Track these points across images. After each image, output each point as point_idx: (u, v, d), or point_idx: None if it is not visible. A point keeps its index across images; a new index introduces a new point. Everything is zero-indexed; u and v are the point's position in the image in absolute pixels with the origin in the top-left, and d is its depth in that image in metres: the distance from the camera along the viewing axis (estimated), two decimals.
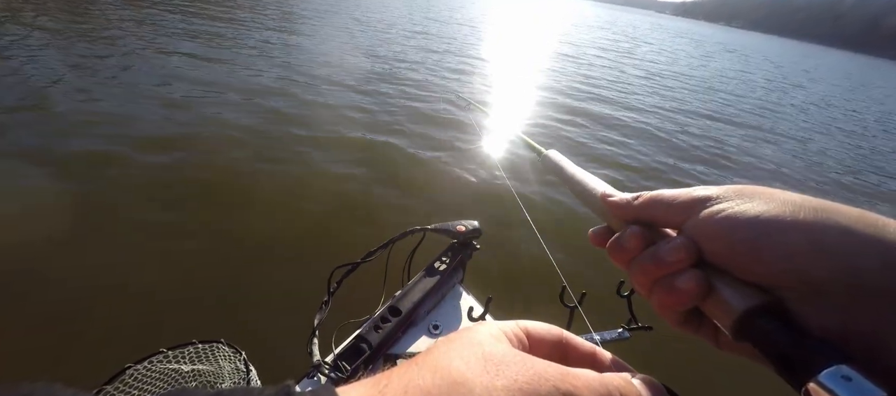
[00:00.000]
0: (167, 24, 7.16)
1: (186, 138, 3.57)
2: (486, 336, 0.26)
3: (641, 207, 0.35)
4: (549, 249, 0.82)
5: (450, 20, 16.19)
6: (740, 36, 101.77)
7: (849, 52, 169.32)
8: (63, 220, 2.38)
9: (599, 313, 0.92)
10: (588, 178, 0.44)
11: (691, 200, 0.32)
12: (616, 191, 0.40)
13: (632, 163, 4.88)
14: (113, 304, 1.95)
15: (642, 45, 21.10)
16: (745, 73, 17.37)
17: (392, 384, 0.23)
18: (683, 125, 6.95)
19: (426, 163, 3.94)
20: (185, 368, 1.15)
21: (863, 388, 0.21)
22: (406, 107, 5.30)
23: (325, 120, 4.55)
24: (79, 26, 6.13)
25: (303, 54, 7.10)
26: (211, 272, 2.24)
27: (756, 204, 0.28)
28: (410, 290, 1.27)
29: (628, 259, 0.35)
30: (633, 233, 0.35)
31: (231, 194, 2.97)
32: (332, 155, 3.78)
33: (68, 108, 3.72)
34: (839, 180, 5.87)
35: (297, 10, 11.36)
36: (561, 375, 0.23)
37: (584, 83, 8.90)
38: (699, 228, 0.30)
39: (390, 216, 3.01)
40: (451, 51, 7.53)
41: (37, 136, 3.23)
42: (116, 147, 3.24)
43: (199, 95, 4.55)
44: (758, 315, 0.26)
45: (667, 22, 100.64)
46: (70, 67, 4.60)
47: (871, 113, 13.17)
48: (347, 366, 1.05)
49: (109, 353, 1.46)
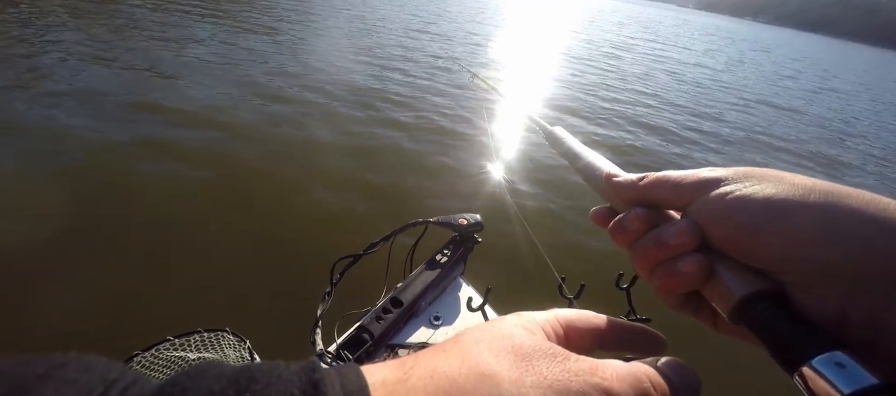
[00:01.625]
0: (175, 22, 7.33)
1: (191, 132, 3.65)
2: (519, 327, 0.26)
3: (646, 188, 0.34)
4: (549, 241, 0.80)
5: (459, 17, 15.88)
6: (773, 33, 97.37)
7: (887, 50, 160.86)
8: (61, 215, 2.43)
9: (598, 305, 0.90)
10: (593, 156, 0.43)
11: (698, 182, 0.31)
12: (621, 170, 0.39)
13: None
14: (119, 295, 2.01)
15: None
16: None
17: (418, 366, 0.22)
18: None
19: (428, 154, 3.97)
20: (191, 355, 1.18)
21: (856, 375, 0.21)
22: (413, 95, 5.37)
23: (327, 108, 4.62)
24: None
25: (304, 46, 7.18)
26: (216, 263, 2.30)
27: (765, 186, 0.28)
28: (412, 282, 1.29)
29: (630, 240, 0.34)
30: (636, 215, 0.34)
31: (235, 185, 3.03)
32: (335, 146, 3.83)
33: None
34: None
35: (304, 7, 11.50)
36: (591, 369, 0.22)
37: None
38: (704, 211, 0.30)
39: (393, 208, 3.04)
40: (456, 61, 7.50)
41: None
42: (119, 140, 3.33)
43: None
44: (756, 300, 0.26)
45: (694, 18, 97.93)
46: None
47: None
48: (349, 356, 1.07)
49: (117, 341, 1.51)
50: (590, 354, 0.24)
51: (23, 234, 2.23)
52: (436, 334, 1.24)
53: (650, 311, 0.72)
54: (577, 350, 0.24)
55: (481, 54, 9.45)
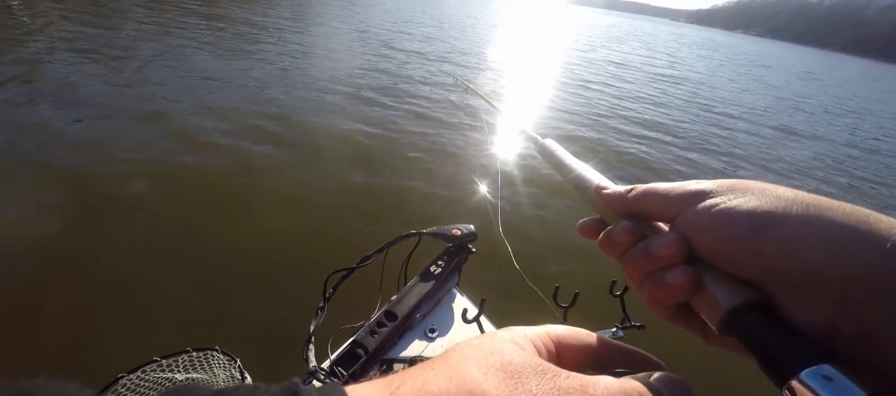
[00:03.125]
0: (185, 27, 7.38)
1: (182, 144, 3.66)
2: (509, 343, 0.25)
3: (635, 200, 0.35)
4: (549, 245, 0.79)
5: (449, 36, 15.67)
6: (766, 46, 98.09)
7: (873, 61, 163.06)
8: (50, 222, 2.43)
9: (592, 312, 0.89)
10: (582, 168, 0.44)
11: (684, 194, 0.31)
12: (610, 182, 0.40)
13: None
14: (103, 313, 1.97)
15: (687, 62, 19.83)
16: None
17: (404, 385, 0.22)
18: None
19: (425, 161, 3.97)
20: (180, 377, 1.14)
21: (844, 388, 0.21)
22: (408, 110, 5.39)
23: (321, 123, 4.63)
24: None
25: (304, 57, 7.25)
26: (206, 279, 2.26)
27: (749, 198, 0.28)
28: (406, 295, 1.27)
29: (620, 252, 0.35)
30: (624, 228, 0.35)
31: (226, 199, 3.02)
32: (328, 160, 3.84)
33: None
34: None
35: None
36: (581, 387, 0.22)
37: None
38: (692, 223, 0.30)
39: (384, 223, 3.04)
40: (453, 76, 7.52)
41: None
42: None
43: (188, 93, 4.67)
44: (745, 311, 0.26)
45: (687, 31, 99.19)
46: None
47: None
48: (343, 372, 1.05)
49: (101, 362, 1.47)
50: (581, 372, 0.24)
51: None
52: (431, 347, 1.21)
53: (644, 317, 0.71)
54: (569, 367, 0.24)
55: (478, 70, 9.53)
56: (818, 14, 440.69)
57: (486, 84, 7.20)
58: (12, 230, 2.36)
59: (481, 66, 9.57)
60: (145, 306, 2.05)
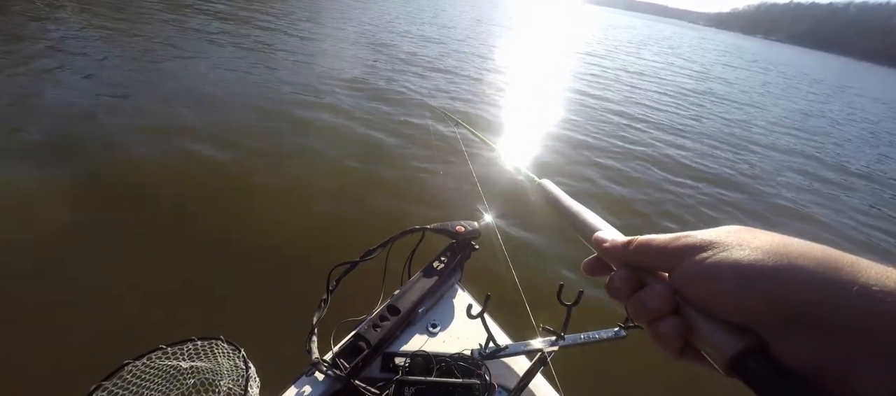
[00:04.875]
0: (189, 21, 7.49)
1: (186, 138, 3.71)
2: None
3: (634, 253, 0.38)
4: (547, 248, 0.77)
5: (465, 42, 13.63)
6: (787, 51, 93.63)
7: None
8: (57, 217, 2.46)
9: (596, 311, 0.87)
10: (582, 212, 0.46)
11: (678, 248, 0.34)
12: (608, 227, 0.43)
13: None
14: (111, 301, 2.01)
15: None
16: None
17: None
18: None
19: (420, 169, 3.96)
20: (184, 365, 1.15)
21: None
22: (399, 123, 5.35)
23: (325, 120, 4.66)
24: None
25: (306, 57, 7.28)
26: (211, 270, 2.29)
27: (733, 252, 0.31)
28: (409, 289, 1.27)
29: (622, 298, 0.38)
30: (622, 278, 0.38)
31: (231, 193, 3.05)
32: (333, 154, 3.86)
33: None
34: None
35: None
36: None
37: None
38: (687, 275, 0.33)
39: (388, 219, 3.05)
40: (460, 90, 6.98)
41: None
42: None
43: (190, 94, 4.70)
44: (743, 356, 0.29)
45: (710, 35, 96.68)
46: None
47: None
48: (346, 364, 1.05)
49: (108, 350, 1.50)
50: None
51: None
52: (433, 341, 1.21)
53: None
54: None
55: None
56: (844, 21, 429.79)
57: (483, 112, 6.12)
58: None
59: (481, 87, 7.74)
60: (149, 295, 2.08)
